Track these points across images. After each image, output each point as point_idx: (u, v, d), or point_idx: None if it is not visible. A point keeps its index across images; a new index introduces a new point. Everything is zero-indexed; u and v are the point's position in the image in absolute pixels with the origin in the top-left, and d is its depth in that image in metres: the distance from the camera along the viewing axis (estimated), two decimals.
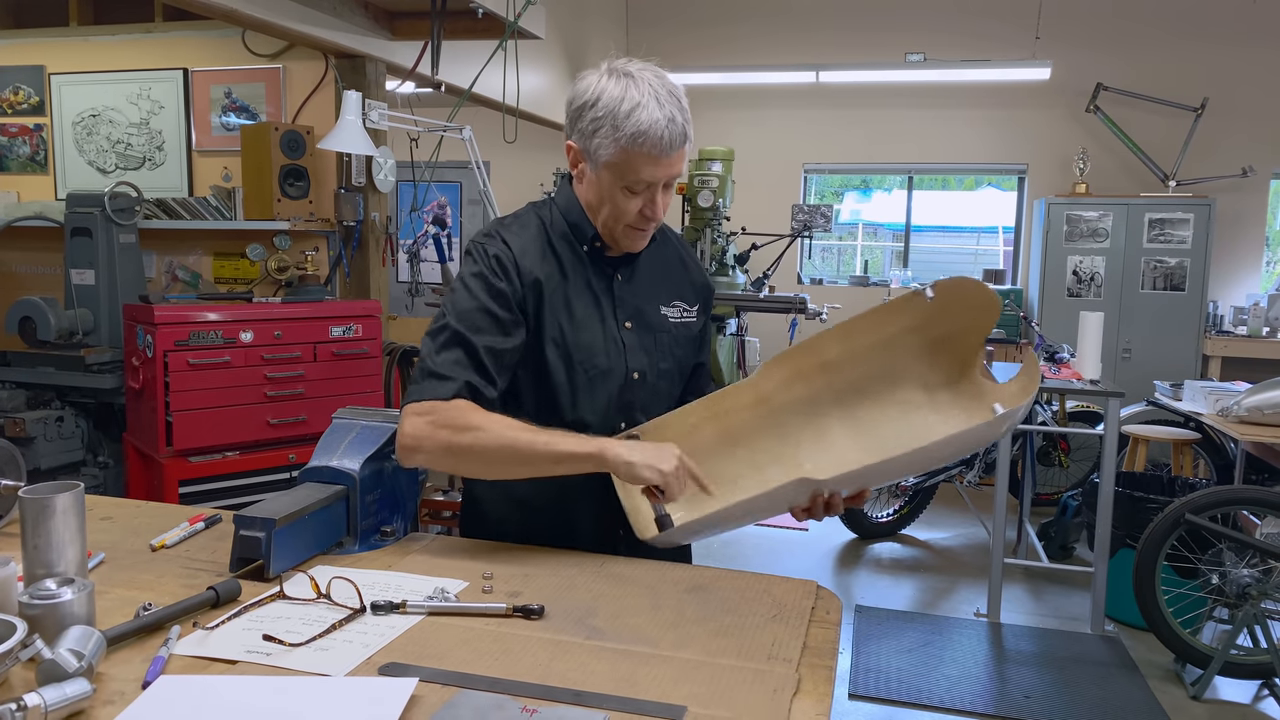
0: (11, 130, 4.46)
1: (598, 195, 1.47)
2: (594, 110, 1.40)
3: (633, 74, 1.40)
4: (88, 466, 3.62)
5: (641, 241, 1.52)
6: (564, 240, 1.52)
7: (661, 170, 1.41)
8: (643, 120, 1.37)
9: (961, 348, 1.57)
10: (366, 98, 3.62)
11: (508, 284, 1.44)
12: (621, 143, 1.38)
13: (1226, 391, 4.07)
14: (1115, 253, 6.15)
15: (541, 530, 1.49)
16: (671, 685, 0.99)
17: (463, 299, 1.43)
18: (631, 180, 1.41)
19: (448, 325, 1.41)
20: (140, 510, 1.61)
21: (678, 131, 1.39)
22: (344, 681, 0.99)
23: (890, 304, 1.58)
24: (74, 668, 0.93)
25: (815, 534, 5.16)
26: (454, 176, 7.10)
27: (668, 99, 1.39)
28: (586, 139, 1.43)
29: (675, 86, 1.42)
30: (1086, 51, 6.41)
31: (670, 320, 1.58)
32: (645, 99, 1.37)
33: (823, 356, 1.60)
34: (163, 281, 4.21)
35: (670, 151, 1.40)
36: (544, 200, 1.58)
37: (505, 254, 1.46)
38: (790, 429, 1.59)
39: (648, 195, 1.44)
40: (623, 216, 1.46)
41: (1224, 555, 3.42)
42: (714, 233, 5.54)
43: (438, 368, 1.39)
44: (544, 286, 1.46)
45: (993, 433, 1.37)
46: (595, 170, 1.44)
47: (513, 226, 1.51)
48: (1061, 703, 3.26)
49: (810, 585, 1.29)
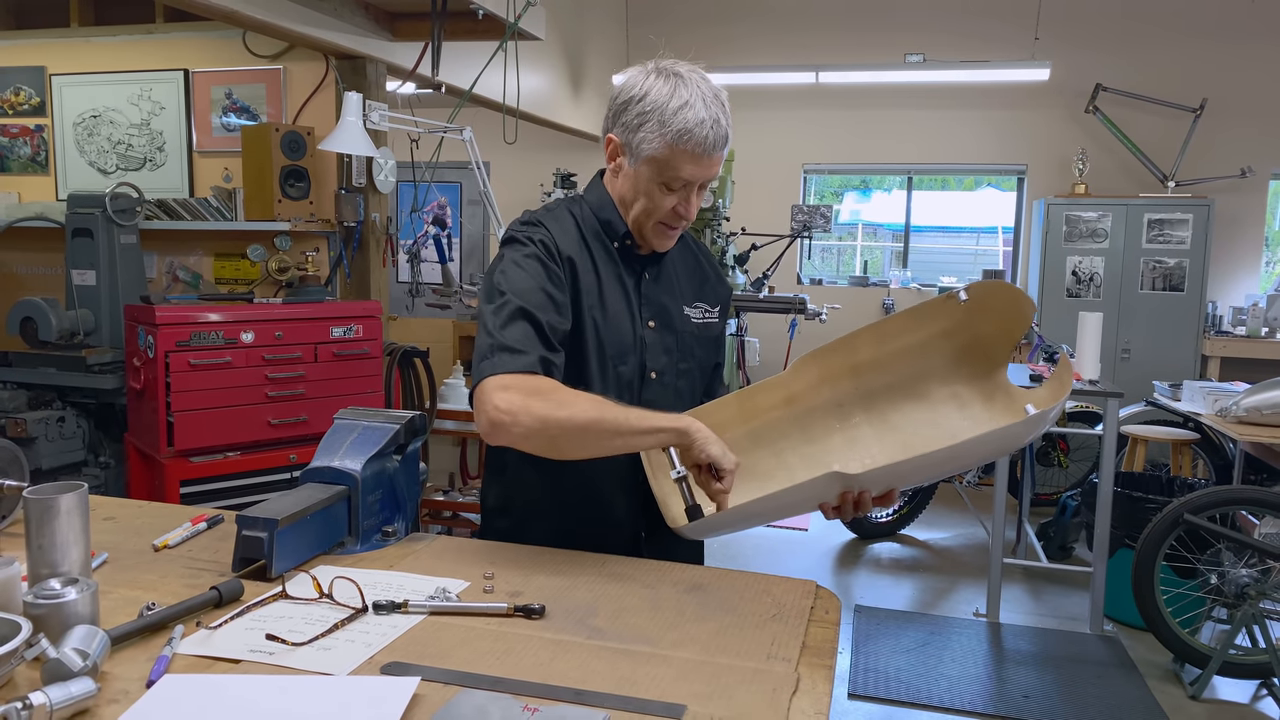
0: (12, 131, 4.46)
1: (633, 190, 1.48)
2: (641, 105, 1.42)
3: (681, 74, 1.43)
4: (89, 467, 3.63)
5: (670, 241, 1.54)
6: (595, 236, 1.53)
7: (701, 170, 1.44)
8: (689, 119, 1.39)
9: (991, 352, 1.56)
10: (367, 99, 3.62)
11: (558, 265, 1.45)
12: (668, 138, 1.40)
13: (1225, 392, 4.08)
14: (1114, 253, 6.16)
15: (572, 533, 1.49)
16: (671, 684, 1.00)
17: (519, 278, 1.40)
18: (670, 177, 1.43)
19: (509, 301, 1.37)
20: (143, 510, 1.61)
21: (721, 134, 1.42)
22: (347, 681, 1.00)
23: (924, 306, 1.58)
24: (79, 667, 0.93)
25: (815, 534, 5.16)
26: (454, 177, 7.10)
27: (713, 101, 1.42)
28: (630, 132, 1.44)
29: (720, 90, 1.45)
30: (1086, 52, 6.42)
31: (693, 320, 1.60)
32: (693, 98, 1.40)
33: (855, 357, 1.59)
34: (164, 282, 4.22)
35: (712, 152, 1.42)
36: (575, 197, 1.60)
37: (550, 240, 1.46)
38: (818, 430, 1.59)
39: (683, 194, 1.46)
40: (655, 213, 1.47)
41: (1223, 555, 3.42)
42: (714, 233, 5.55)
43: (510, 342, 1.34)
44: (580, 278, 1.48)
45: (1026, 433, 1.37)
46: (635, 164, 1.46)
47: (547, 217, 1.52)
48: (1060, 702, 3.26)
49: (809, 585, 1.30)
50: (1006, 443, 1.39)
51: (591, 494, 1.52)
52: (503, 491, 1.61)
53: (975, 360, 1.58)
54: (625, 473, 1.50)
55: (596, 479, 1.50)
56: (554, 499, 1.53)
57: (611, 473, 1.48)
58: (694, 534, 1.39)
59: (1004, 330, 1.55)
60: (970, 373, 1.58)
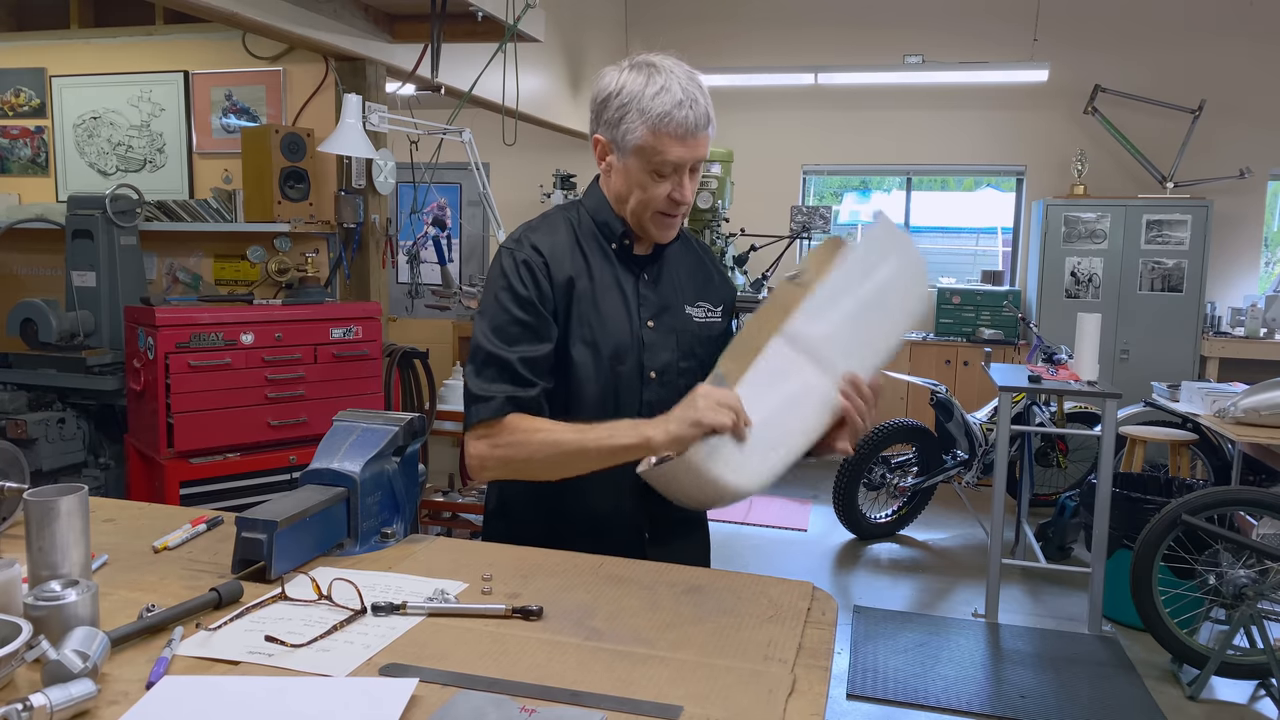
0: (13, 132, 4.47)
1: (626, 184, 1.49)
2: (619, 98, 1.45)
3: (654, 63, 1.45)
4: (89, 468, 3.63)
5: (671, 231, 1.54)
6: (592, 240, 1.55)
7: (688, 150, 1.44)
8: (667, 101, 1.41)
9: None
10: (367, 100, 3.63)
11: (535, 290, 1.47)
12: (649, 124, 1.42)
13: (1223, 393, 4.08)
14: (1113, 254, 6.16)
15: (569, 535, 1.50)
16: (668, 685, 1.00)
17: (493, 316, 1.48)
18: (659, 162, 1.44)
19: (481, 347, 1.47)
20: (142, 512, 1.62)
21: (701, 112, 1.43)
22: (345, 682, 1.00)
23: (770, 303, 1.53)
24: (79, 668, 0.94)
25: (814, 535, 5.17)
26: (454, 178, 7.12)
27: (689, 82, 1.44)
28: (613, 128, 1.46)
29: (695, 73, 1.46)
30: (1084, 53, 6.42)
31: (695, 320, 1.60)
32: (669, 83, 1.42)
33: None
34: (163, 283, 4.22)
35: (696, 132, 1.43)
36: (572, 203, 1.62)
37: (534, 258, 1.49)
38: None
39: (675, 179, 1.47)
40: (651, 203, 1.48)
41: (1221, 556, 3.43)
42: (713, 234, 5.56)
43: (479, 390, 1.45)
44: (575, 286, 1.50)
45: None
46: (623, 158, 1.48)
47: (540, 229, 1.54)
48: (1059, 703, 3.27)
49: (806, 586, 1.31)
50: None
51: (591, 496, 1.52)
52: (503, 494, 1.63)
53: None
54: (625, 474, 1.50)
55: (596, 482, 1.51)
56: (553, 502, 1.54)
57: (610, 475, 1.49)
58: (710, 479, 1.32)
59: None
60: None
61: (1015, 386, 3.99)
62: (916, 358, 6.51)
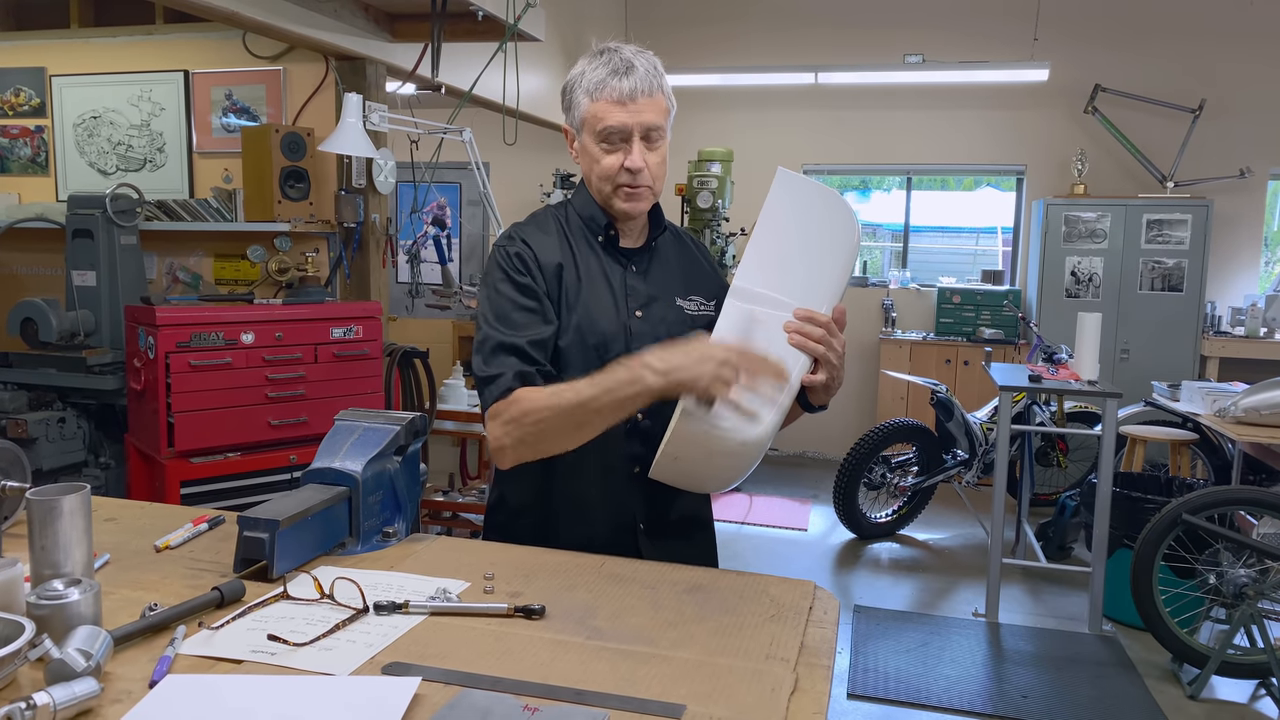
0: (13, 132, 4.47)
1: (587, 163, 1.52)
2: (571, 83, 1.51)
3: (609, 47, 1.49)
4: (89, 468, 3.64)
5: (636, 202, 1.52)
6: (580, 235, 1.57)
7: (629, 115, 1.45)
8: (603, 72, 1.45)
9: None
10: (367, 100, 3.63)
11: (531, 278, 1.50)
12: (588, 93, 1.47)
13: (1224, 392, 4.09)
14: (1113, 254, 6.16)
15: (558, 530, 1.53)
16: (671, 684, 1.00)
17: (495, 305, 1.50)
18: (603, 130, 1.46)
19: (487, 335, 1.48)
20: (144, 511, 1.62)
21: (640, 77, 1.45)
22: (348, 681, 1.00)
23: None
24: (82, 667, 0.94)
25: (814, 534, 5.17)
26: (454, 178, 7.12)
27: (633, 54, 1.47)
28: (569, 111, 1.52)
29: (646, 51, 1.50)
30: (1085, 52, 6.42)
31: (686, 312, 1.61)
32: (610, 57, 1.46)
33: None
34: (164, 283, 4.22)
35: (636, 96, 1.45)
36: (561, 202, 1.64)
37: (525, 251, 1.52)
38: None
39: (625, 147, 1.48)
40: (608, 174, 1.49)
41: (1221, 555, 3.43)
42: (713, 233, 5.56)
43: (488, 372, 1.45)
44: (564, 278, 1.52)
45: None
46: (580, 138, 1.52)
47: (529, 226, 1.58)
48: (1059, 702, 3.27)
49: (808, 585, 1.31)
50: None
51: (590, 494, 1.53)
52: (503, 493, 1.63)
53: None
54: (617, 458, 1.52)
55: (595, 480, 1.52)
56: (552, 499, 1.55)
57: (602, 459, 1.50)
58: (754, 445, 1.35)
59: None
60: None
61: (1015, 386, 3.99)
62: (917, 357, 6.51)
